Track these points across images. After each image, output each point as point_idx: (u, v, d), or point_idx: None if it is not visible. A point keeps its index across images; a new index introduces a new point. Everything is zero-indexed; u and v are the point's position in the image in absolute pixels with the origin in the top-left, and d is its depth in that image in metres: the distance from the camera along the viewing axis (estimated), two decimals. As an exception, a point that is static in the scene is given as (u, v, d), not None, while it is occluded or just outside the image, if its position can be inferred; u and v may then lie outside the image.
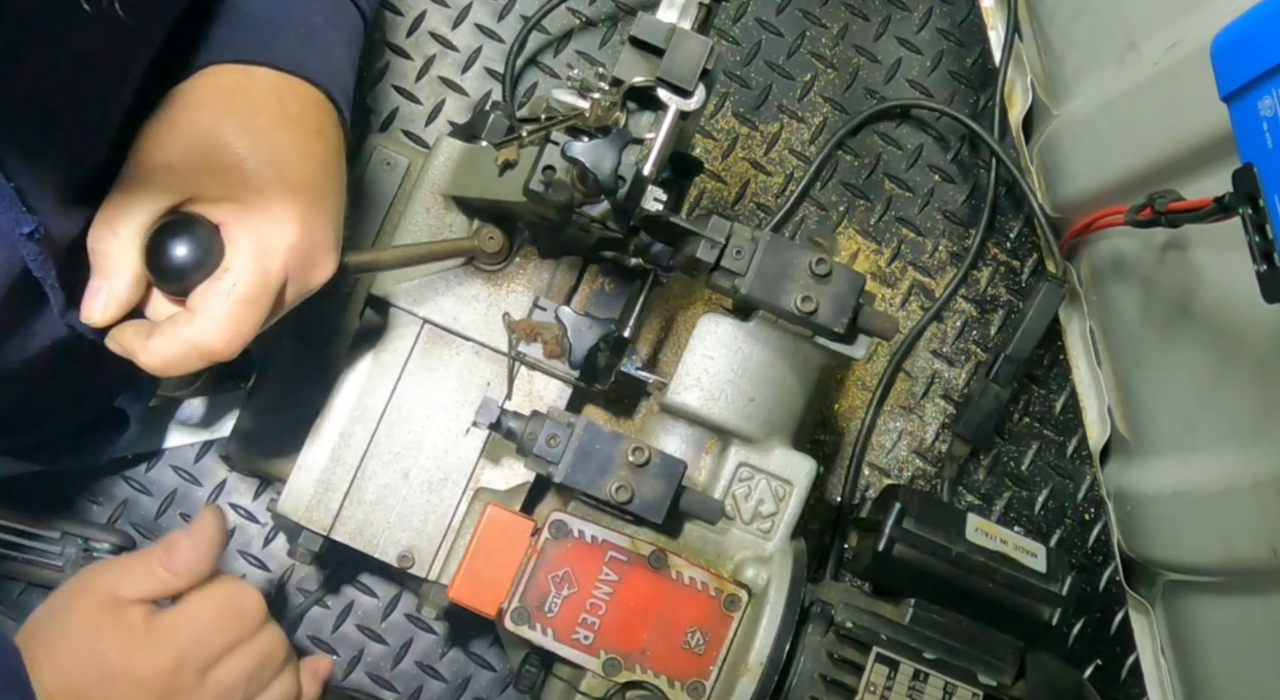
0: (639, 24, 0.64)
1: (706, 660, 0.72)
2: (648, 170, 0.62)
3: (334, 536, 0.78)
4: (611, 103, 0.63)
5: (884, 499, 0.84)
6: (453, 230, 0.78)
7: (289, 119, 0.64)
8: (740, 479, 0.76)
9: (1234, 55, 0.59)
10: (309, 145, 0.64)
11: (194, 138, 0.61)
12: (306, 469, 0.78)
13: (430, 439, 0.78)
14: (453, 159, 0.79)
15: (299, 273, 0.63)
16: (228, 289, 0.60)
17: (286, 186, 0.62)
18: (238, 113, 0.62)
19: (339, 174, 0.67)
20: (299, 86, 0.65)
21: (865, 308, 0.73)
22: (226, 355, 0.61)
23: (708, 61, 0.64)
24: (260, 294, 0.61)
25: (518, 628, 0.71)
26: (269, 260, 0.61)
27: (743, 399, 0.75)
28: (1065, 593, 0.79)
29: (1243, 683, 0.86)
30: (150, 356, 0.60)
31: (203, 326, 0.60)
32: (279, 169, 0.62)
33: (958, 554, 0.79)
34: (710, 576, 0.72)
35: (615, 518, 0.73)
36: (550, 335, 0.76)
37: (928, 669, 0.74)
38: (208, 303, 0.60)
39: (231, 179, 0.61)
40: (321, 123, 0.66)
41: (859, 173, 1.03)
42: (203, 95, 0.62)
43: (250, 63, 0.64)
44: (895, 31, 1.05)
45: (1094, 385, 1.01)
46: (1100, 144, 0.92)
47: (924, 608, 0.77)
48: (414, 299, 0.77)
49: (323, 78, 0.66)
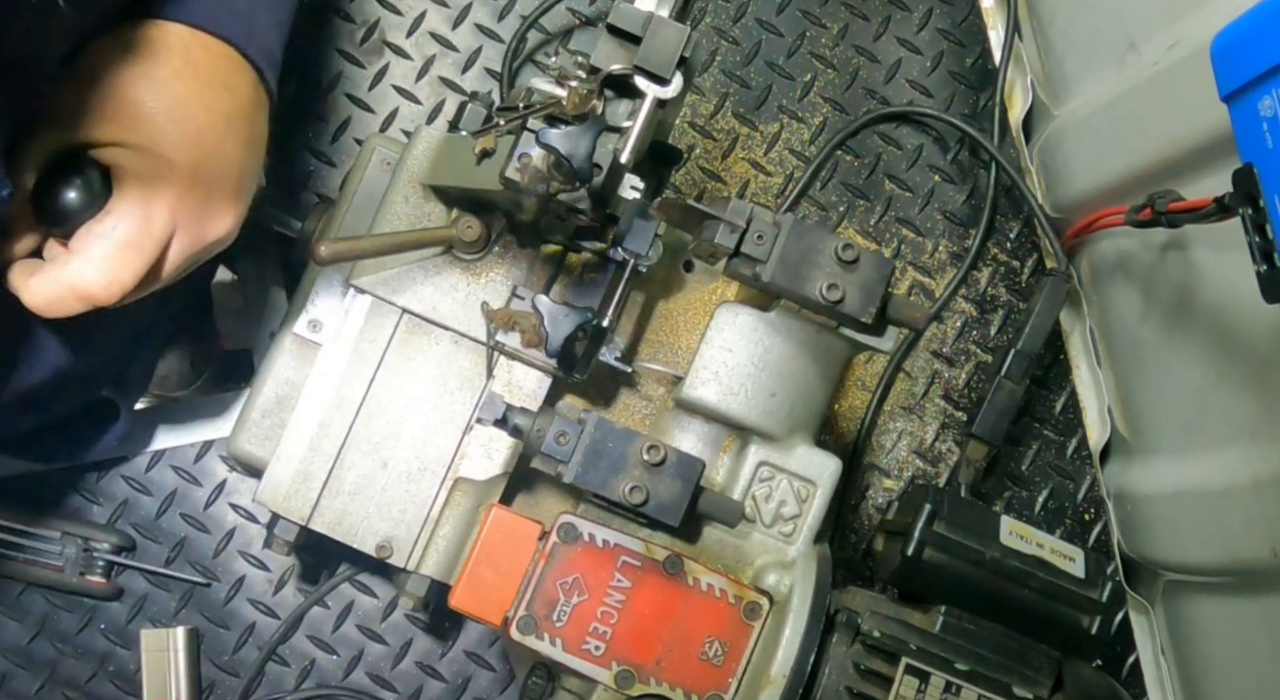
0: (616, 12, 0.63)
1: (725, 672, 0.68)
2: (624, 158, 0.62)
3: (312, 526, 0.77)
4: (589, 91, 0.63)
5: (912, 500, 0.81)
6: (431, 219, 0.78)
7: (193, 70, 0.63)
8: (761, 479, 0.72)
9: (1234, 55, 0.59)
10: (211, 97, 0.64)
11: (93, 84, 0.61)
12: (285, 459, 0.77)
13: (409, 429, 0.78)
14: (431, 148, 0.78)
15: (190, 223, 0.63)
16: (107, 231, 0.60)
17: (180, 135, 0.62)
18: (140, 62, 0.62)
19: (245, 129, 0.66)
20: (209, 42, 0.65)
21: (893, 296, 0.69)
22: (105, 299, 0.60)
23: (685, 49, 0.63)
24: (142, 239, 0.61)
25: (524, 637, 0.67)
26: (153, 206, 0.61)
27: (763, 394, 0.71)
28: (1106, 599, 0.76)
29: (1243, 683, 0.86)
30: (31, 295, 0.60)
31: (80, 269, 0.60)
32: (174, 117, 0.62)
33: (991, 559, 0.76)
34: (729, 583, 0.69)
35: (628, 520, 0.71)
36: (528, 324, 0.74)
37: (960, 681, 0.70)
38: (86, 244, 0.60)
39: (124, 125, 0.61)
40: (230, 77, 0.65)
41: (859, 173, 1.03)
42: (110, 47, 0.62)
43: (164, 18, 0.64)
44: (895, 31, 1.05)
45: (1094, 385, 1.01)
46: (1100, 144, 0.92)
47: (955, 616, 0.74)
48: (392, 288, 0.77)
49: (237, 35, 0.66)
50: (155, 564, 0.93)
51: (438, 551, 0.77)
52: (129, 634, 0.92)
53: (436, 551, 0.77)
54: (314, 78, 0.99)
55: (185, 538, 0.94)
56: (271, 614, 0.94)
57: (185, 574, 0.93)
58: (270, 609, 0.94)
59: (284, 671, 0.94)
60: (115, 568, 0.92)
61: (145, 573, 0.93)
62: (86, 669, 0.92)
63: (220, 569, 0.94)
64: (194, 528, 0.94)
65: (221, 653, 0.93)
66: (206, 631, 0.93)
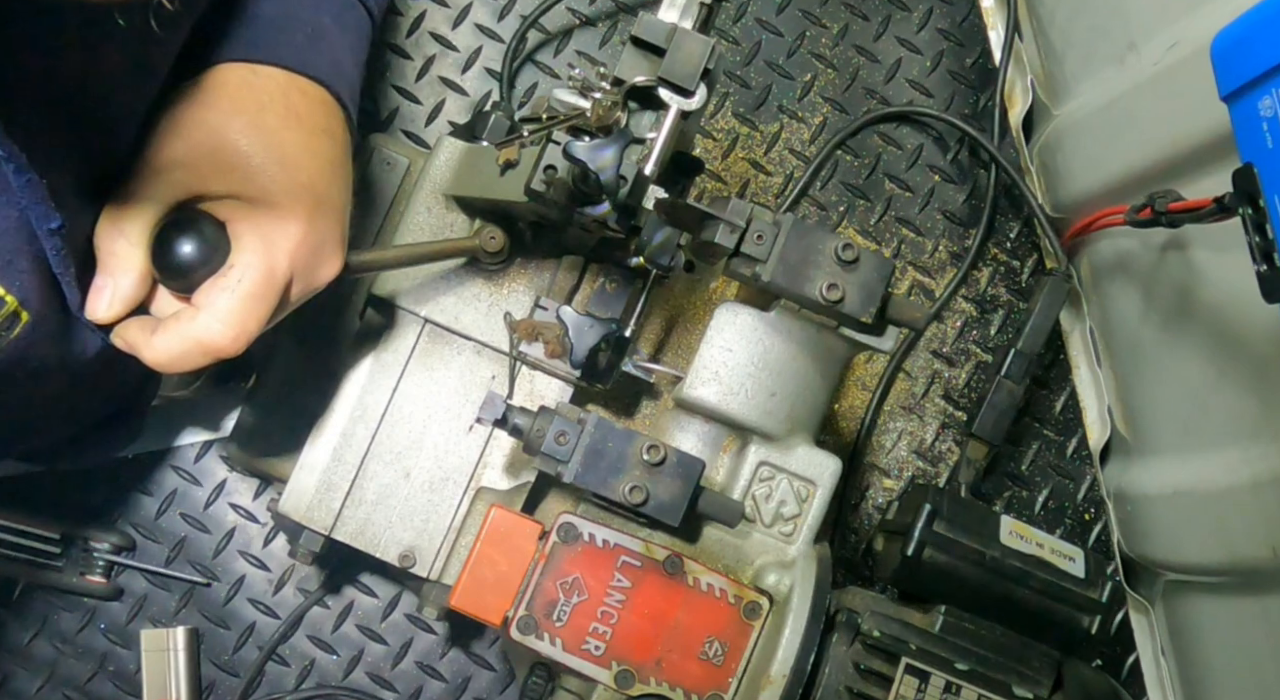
0: (640, 24, 0.63)
1: (725, 672, 0.68)
2: (649, 170, 0.62)
3: (335, 536, 0.78)
4: (613, 102, 0.63)
5: (912, 500, 0.81)
6: (454, 230, 0.78)
7: (296, 118, 0.64)
8: (761, 479, 0.72)
9: (1234, 55, 0.59)
10: (316, 144, 0.64)
11: (200, 135, 0.61)
12: (308, 469, 0.78)
13: (431, 438, 0.78)
14: (454, 159, 0.79)
15: (305, 270, 0.63)
16: (233, 285, 0.60)
17: (293, 184, 0.62)
18: (245, 111, 0.62)
19: (345, 173, 0.67)
20: (306, 86, 0.65)
21: (893, 296, 0.69)
22: (232, 352, 0.60)
23: (709, 61, 0.63)
24: (266, 291, 0.61)
25: (524, 637, 0.67)
26: (275, 257, 0.61)
27: (763, 394, 0.71)
28: (1106, 599, 0.76)
29: (1243, 683, 0.86)
30: (155, 353, 0.60)
31: (207, 323, 0.60)
32: (285, 167, 0.62)
33: (991, 558, 0.76)
34: (729, 583, 0.69)
35: (628, 520, 0.71)
36: (551, 335, 0.75)
37: (960, 680, 0.70)
38: (213, 299, 0.60)
39: (237, 176, 0.61)
40: (328, 122, 0.66)
41: (859, 173, 1.03)
42: (210, 93, 0.62)
43: (258, 62, 0.64)
44: (895, 31, 1.05)
45: (1094, 385, 1.01)
46: (1100, 144, 0.92)
47: (955, 615, 0.74)
48: (415, 298, 0.77)
49: (329, 77, 0.66)
50: (155, 564, 0.93)
51: (460, 561, 0.77)
52: (129, 634, 0.92)
53: (459, 561, 0.77)
54: (314, 78, 0.99)
55: (185, 538, 0.94)
56: (271, 614, 0.94)
57: (185, 574, 0.93)
58: (270, 609, 0.94)
59: (284, 671, 0.94)
60: (115, 568, 0.92)
61: (145, 573, 0.93)
62: (86, 669, 0.92)
63: (220, 569, 0.94)
64: (194, 528, 0.94)
65: (221, 653, 0.93)
66: (206, 631, 0.93)
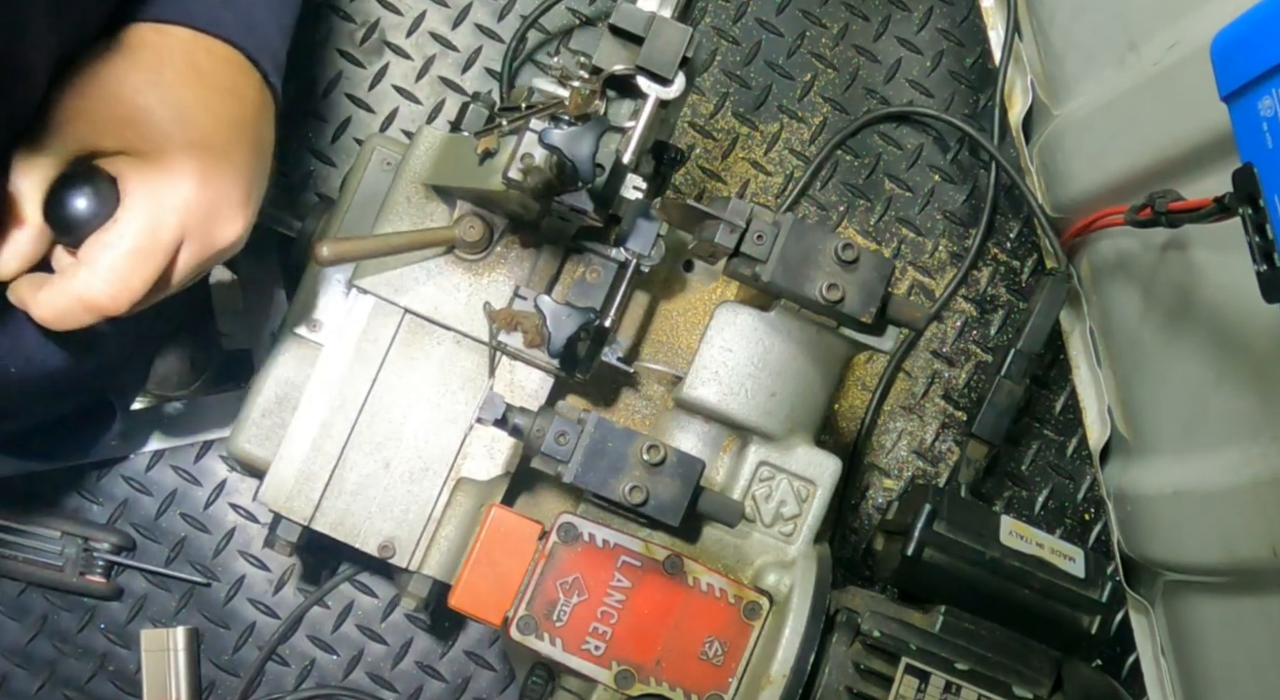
0: (619, 12, 0.63)
1: (725, 672, 0.67)
2: (627, 158, 0.62)
3: (314, 526, 0.77)
4: (591, 91, 0.63)
5: (912, 500, 0.81)
6: (434, 219, 0.78)
7: (198, 76, 0.63)
8: (761, 479, 0.72)
9: (1234, 55, 0.59)
10: (217, 102, 0.63)
11: (95, 89, 0.61)
12: (287, 459, 0.77)
13: (411, 429, 0.78)
14: (433, 148, 0.78)
15: (199, 231, 0.63)
16: (114, 241, 0.60)
17: (188, 142, 0.61)
18: (144, 68, 0.61)
19: (254, 134, 0.66)
20: (214, 45, 0.64)
21: (893, 296, 0.70)
22: (114, 310, 0.60)
23: (688, 49, 0.63)
24: (150, 248, 0.60)
25: (524, 637, 0.67)
26: (161, 215, 0.61)
27: (763, 394, 0.71)
28: (1106, 599, 0.76)
29: (1243, 683, 0.86)
30: (39, 308, 0.60)
31: (87, 280, 0.59)
32: (180, 123, 0.61)
33: (991, 559, 0.76)
34: (729, 583, 0.68)
35: (628, 520, 0.71)
36: (530, 324, 0.74)
37: (960, 680, 0.70)
38: (94, 255, 0.60)
39: (131, 132, 0.61)
40: (234, 81, 0.65)
41: (859, 173, 1.03)
42: (112, 51, 0.62)
43: (166, 21, 0.63)
44: (895, 31, 1.05)
45: (1094, 385, 1.01)
46: (1100, 144, 0.92)
47: (955, 615, 0.74)
48: (395, 288, 0.77)
49: (241, 37, 0.65)
50: (155, 564, 0.93)
51: (440, 552, 0.77)
52: (129, 634, 0.92)
53: (439, 552, 0.77)
54: (314, 78, 0.99)
55: (185, 537, 0.94)
56: (271, 614, 0.94)
57: (185, 574, 0.93)
58: (270, 609, 0.94)
59: (284, 671, 0.94)
60: (115, 568, 0.92)
61: (145, 572, 0.93)
62: (86, 669, 0.92)
63: (220, 569, 0.94)
64: (194, 528, 0.94)
65: (221, 653, 0.93)
66: (206, 631, 0.93)
